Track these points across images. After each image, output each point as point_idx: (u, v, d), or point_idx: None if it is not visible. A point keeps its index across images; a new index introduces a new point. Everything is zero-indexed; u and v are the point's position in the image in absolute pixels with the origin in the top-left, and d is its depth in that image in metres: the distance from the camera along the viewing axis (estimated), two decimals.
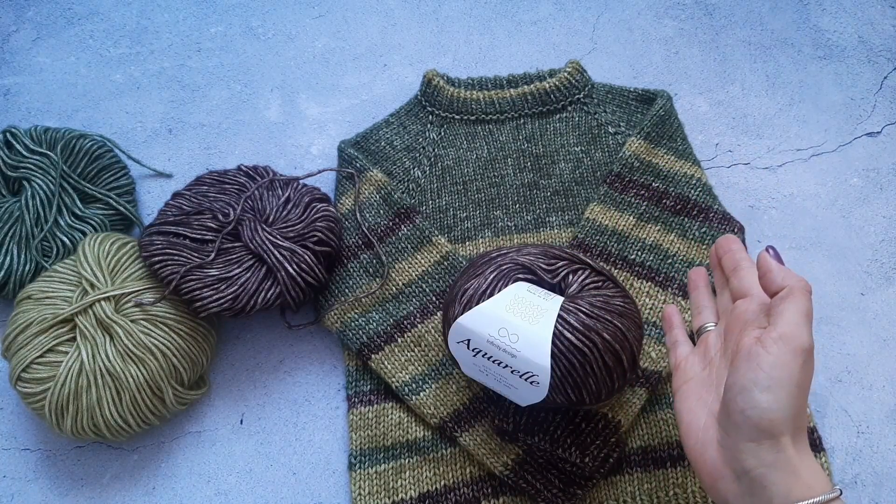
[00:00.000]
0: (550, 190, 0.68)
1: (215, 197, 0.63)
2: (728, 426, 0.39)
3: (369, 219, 0.66)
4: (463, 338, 0.48)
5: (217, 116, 0.78)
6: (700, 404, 0.43)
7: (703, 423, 0.41)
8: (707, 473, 0.40)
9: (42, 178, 0.64)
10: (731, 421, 0.38)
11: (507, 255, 0.51)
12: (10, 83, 0.81)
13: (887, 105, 0.76)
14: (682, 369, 0.46)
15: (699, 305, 0.50)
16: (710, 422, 0.41)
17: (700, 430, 0.41)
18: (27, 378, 0.54)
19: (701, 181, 0.67)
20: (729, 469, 0.38)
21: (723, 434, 0.39)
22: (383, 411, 0.59)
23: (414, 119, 0.73)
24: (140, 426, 0.56)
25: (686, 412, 0.43)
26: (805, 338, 0.38)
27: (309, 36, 0.84)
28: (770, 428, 0.37)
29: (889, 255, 0.67)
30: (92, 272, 0.57)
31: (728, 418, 0.38)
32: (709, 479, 0.40)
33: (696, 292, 0.51)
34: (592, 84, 0.74)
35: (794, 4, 0.84)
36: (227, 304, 0.56)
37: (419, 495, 0.55)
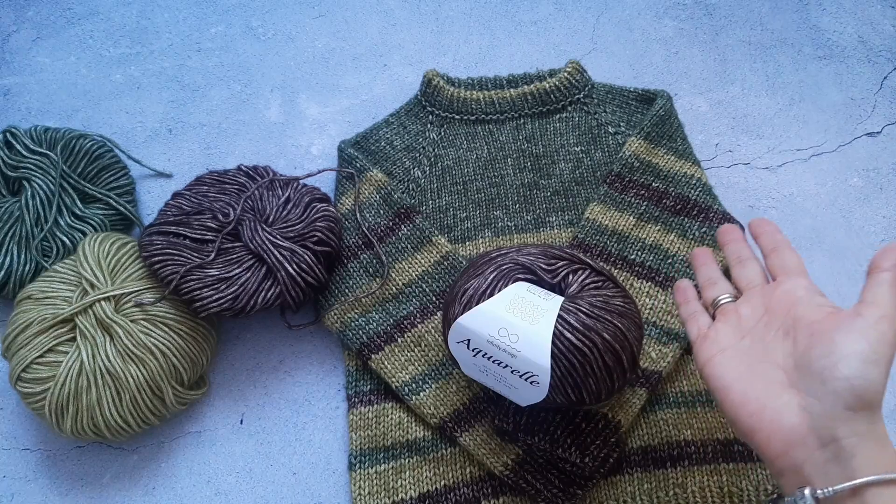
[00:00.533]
0: (550, 190, 0.68)
1: (215, 197, 0.63)
2: (822, 393, 0.38)
3: (369, 219, 0.66)
4: (463, 338, 0.48)
5: (217, 116, 0.78)
6: (752, 371, 0.42)
7: (762, 389, 0.40)
8: (779, 439, 0.39)
9: (42, 178, 0.64)
10: (829, 388, 0.37)
11: (507, 255, 0.51)
12: (10, 83, 0.81)
13: (887, 105, 0.76)
14: (713, 339, 0.45)
15: (712, 278, 0.50)
16: (777, 389, 0.40)
17: (762, 396, 0.40)
18: (27, 378, 0.54)
19: (701, 181, 0.67)
20: (813, 435, 0.37)
21: (811, 400, 0.38)
22: (383, 411, 0.59)
23: (414, 119, 0.73)
24: (140, 426, 0.56)
25: (735, 380, 0.42)
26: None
27: (309, 36, 0.84)
28: (870, 399, 0.37)
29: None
30: (92, 272, 0.57)
31: (823, 385, 0.38)
32: (780, 446, 0.38)
33: (705, 267, 0.51)
34: (592, 84, 0.74)
35: (794, 4, 0.84)
36: (227, 304, 0.56)
37: (419, 495, 0.55)
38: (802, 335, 0.41)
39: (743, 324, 0.45)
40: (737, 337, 0.45)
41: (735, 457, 0.54)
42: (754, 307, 0.46)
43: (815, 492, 0.36)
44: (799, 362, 0.40)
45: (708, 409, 0.57)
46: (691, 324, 0.48)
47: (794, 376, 0.40)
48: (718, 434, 0.55)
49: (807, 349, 0.40)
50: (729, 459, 0.54)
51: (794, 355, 0.41)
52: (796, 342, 0.41)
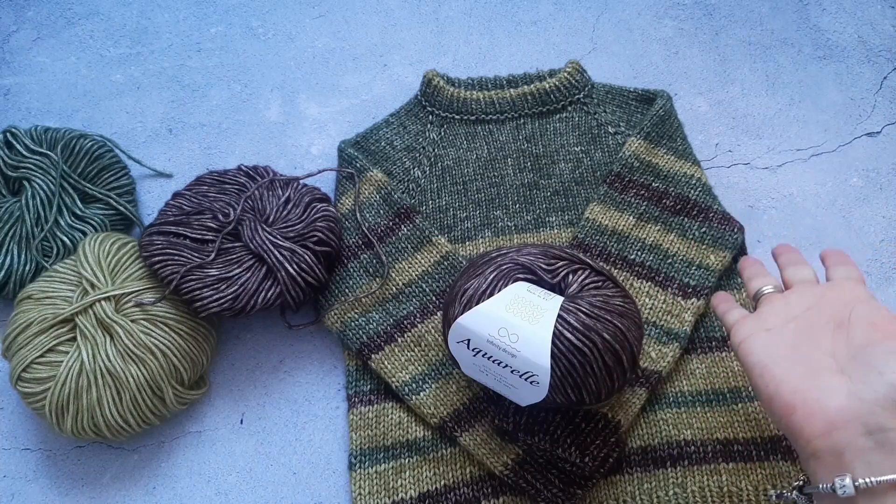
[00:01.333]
0: (550, 190, 0.68)
1: (215, 197, 0.63)
2: (877, 382, 0.37)
3: (369, 219, 0.66)
4: (463, 338, 0.48)
5: (217, 116, 0.78)
6: (797, 353, 0.41)
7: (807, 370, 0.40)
8: (821, 420, 0.38)
9: (42, 178, 0.64)
10: (885, 379, 0.37)
11: (507, 255, 0.51)
12: (10, 83, 0.81)
13: (887, 105, 0.76)
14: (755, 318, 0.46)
15: (756, 273, 0.51)
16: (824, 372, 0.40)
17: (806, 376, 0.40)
18: (27, 378, 0.54)
19: (701, 181, 0.67)
20: (860, 421, 0.37)
21: (862, 387, 0.38)
22: (383, 411, 0.59)
23: (414, 119, 0.73)
24: (140, 426, 0.56)
25: (777, 358, 0.42)
26: None
27: (309, 36, 0.84)
28: None
29: (889, 255, 0.67)
30: (92, 272, 0.57)
31: (881, 376, 0.37)
32: (821, 426, 0.38)
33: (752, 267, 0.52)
34: (592, 84, 0.74)
35: (794, 4, 0.84)
36: (227, 304, 0.56)
37: (419, 495, 0.55)
38: (861, 330, 0.40)
39: (790, 310, 0.45)
40: (782, 319, 0.44)
41: (735, 457, 0.54)
42: (804, 296, 0.45)
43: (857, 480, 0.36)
44: (854, 353, 0.40)
45: (708, 409, 0.57)
46: (730, 313, 0.49)
47: (845, 364, 0.40)
48: (718, 434, 0.55)
49: (866, 343, 0.39)
50: (729, 459, 0.54)
51: (849, 346, 0.40)
52: (851, 335, 0.41)
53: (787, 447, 0.54)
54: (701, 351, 0.60)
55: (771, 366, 0.42)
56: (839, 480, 0.36)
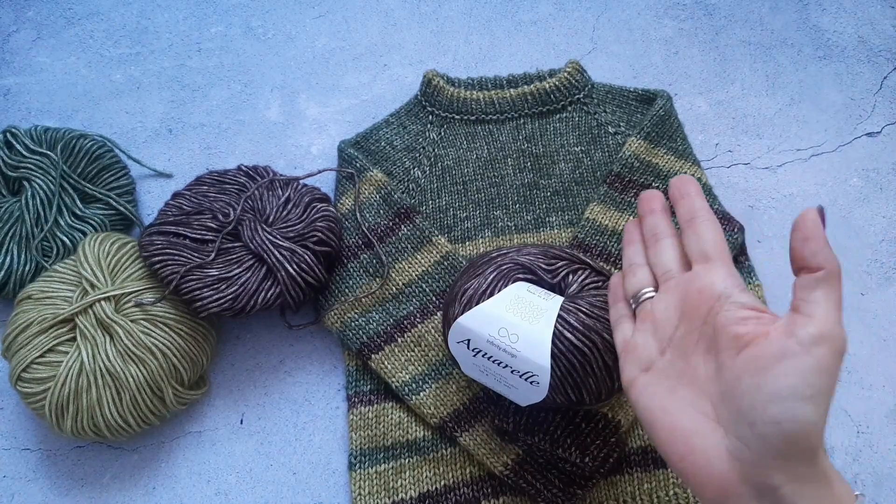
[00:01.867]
0: (550, 190, 0.68)
1: (215, 197, 0.63)
2: (750, 438, 0.32)
3: (369, 219, 0.66)
4: (463, 338, 0.48)
5: (217, 116, 0.78)
6: (675, 399, 0.36)
7: (689, 424, 0.35)
8: (712, 489, 0.33)
9: (42, 178, 0.64)
10: (757, 431, 0.31)
11: (507, 255, 0.51)
12: (10, 83, 0.81)
13: (887, 105, 0.76)
14: (634, 355, 0.39)
15: (633, 264, 0.42)
16: (703, 425, 0.34)
17: (689, 434, 0.34)
18: (27, 378, 0.54)
19: (701, 181, 0.67)
20: (747, 486, 0.32)
21: (738, 445, 0.32)
22: (383, 411, 0.59)
23: (414, 119, 0.73)
24: (140, 426, 0.56)
25: (659, 411, 0.36)
26: (843, 337, 0.31)
27: (309, 36, 0.84)
28: (808, 441, 0.31)
29: (889, 255, 0.67)
30: (92, 272, 0.57)
31: (751, 428, 0.32)
32: (714, 495, 0.33)
33: (630, 247, 0.43)
34: (592, 84, 0.74)
35: (794, 4, 0.84)
36: (227, 304, 0.56)
37: (419, 495, 0.55)
38: (727, 353, 0.34)
39: (660, 331, 0.38)
40: (656, 350, 0.38)
41: None
42: (668, 306, 0.38)
43: None
44: (725, 392, 0.34)
45: None
46: (617, 333, 0.42)
47: (721, 410, 0.34)
48: None
49: (734, 378, 0.33)
50: None
51: (720, 382, 0.34)
52: (721, 364, 0.34)
53: None
54: None
55: (655, 422, 0.36)
56: None
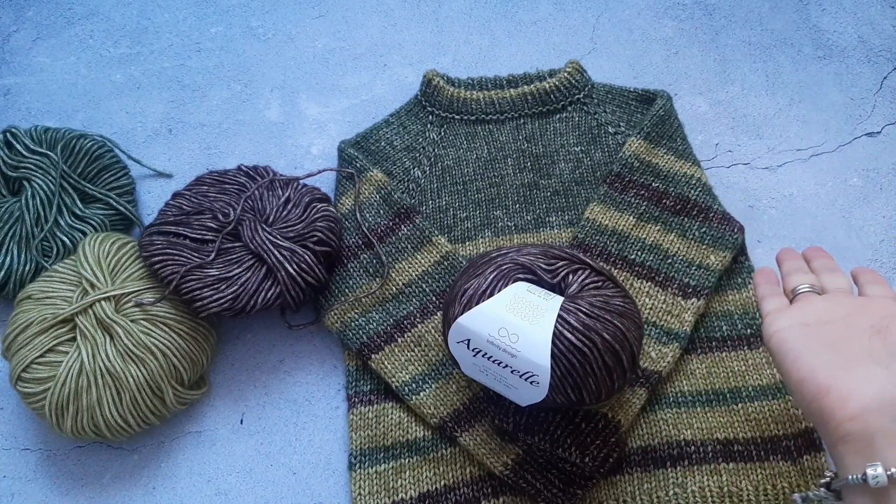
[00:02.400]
0: (550, 190, 0.68)
1: (215, 197, 0.63)
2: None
3: (369, 219, 0.66)
4: (463, 338, 0.48)
5: (217, 116, 0.78)
6: (833, 346, 0.41)
7: (846, 359, 0.40)
8: (856, 402, 0.37)
9: (42, 178, 0.64)
10: None
11: (507, 255, 0.51)
12: (10, 83, 0.81)
13: (887, 105, 0.76)
14: (793, 312, 0.46)
15: (795, 268, 0.51)
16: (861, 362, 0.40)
17: (843, 363, 0.40)
18: (27, 378, 0.54)
19: (701, 181, 0.67)
20: (895, 407, 0.36)
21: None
22: (383, 411, 0.59)
23: (414, 119, 0.73)
24: (140, 426, 0.56)
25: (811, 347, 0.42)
26: None
27: (309, 36, 0.84)
28: None
29: (889, 255, 0.67)
30: (92, 272, 0.57)
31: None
32: (856, 408, 0.37)
33: (791, 261, 0.52)
34: (592, 84, 0.74)
35: (794, 4, 0.84)
36: (227, 304, 0.56)
37: (419, 495, 0.55)
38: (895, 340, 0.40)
39: (828, 313, 0.45)
40: (820, 320, 0.44)
41: (735, 457, 0.54)
42: (842, 304, 0.45)
43: (889, 470, 0.35)
44: (893, 351, 0.40)
45: (708, 409, 0.57)
46: (769, 299, 0.49)
47: (883, 359, 0.39)
48: (718, 434, 0.55)
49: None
50: (729, 459, 0.54)
51: (887, 347, 0.40)
52: (889, 340, 0.40)
53: (787, 447, 0.54)
54: (701, 351, 0.60)
55: (806, 353, 0.42)
56: (871, 470, 0.35)
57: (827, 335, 0.43)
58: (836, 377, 0.39)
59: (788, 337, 0.43)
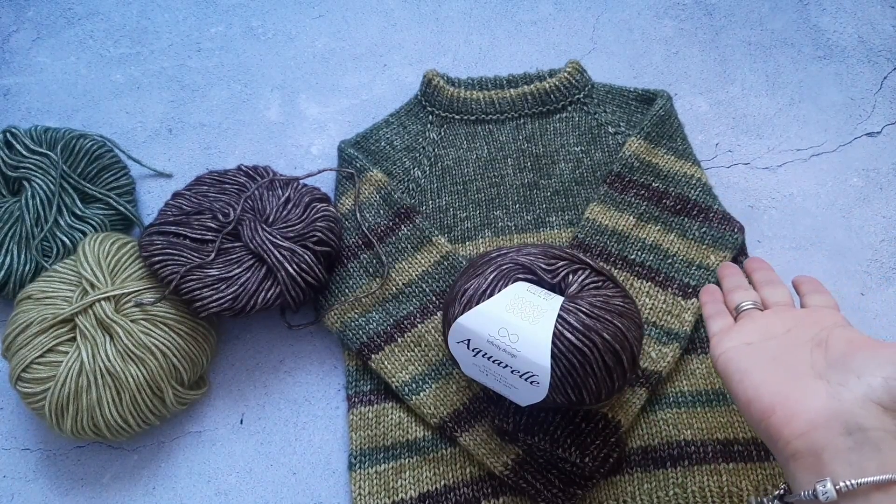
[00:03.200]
0: (550, 190, 0.68)
1: (215, 197, 0.63)
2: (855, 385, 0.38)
3: (369, 219, 0.66)
4: (463, 338, 0.48)
5: (217, 116, 0.78)
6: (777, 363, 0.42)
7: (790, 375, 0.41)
8: (802, 420, 0.38)
9: (42, 178, 0.64)
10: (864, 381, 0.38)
11: (507, 255, 0.51)
12: (10, 83, 0.81)
13: (887, 105, 0.76)
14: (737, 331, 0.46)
15: (738, 286, 0.51)
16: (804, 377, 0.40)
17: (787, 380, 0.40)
18: (27, 378, 0.54)
19: (701, 181, 0.67)
20: (839, 421, 0.37)
21: (840, 388, 0.38)
22: (383, 411, 0.59)
23: (414, 119, 0.73)
24: (140, 426, 0.56)
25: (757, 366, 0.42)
26: None
27: (309, 36, 0.84)
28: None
29: (889, 255, 0.67)
30: (92, 272, 0.57)
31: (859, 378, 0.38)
32: (802, 425, 0.38)
33: (733, 277, 0.53)
34: (592, 84, 0.74)
35: (794, 4, 0.84)
36: (227, 304, 0.56)
37: (419, 495, 0.55)
38: (839, 346, 0.41)
39: (769, 329, 0.46)
40: (763, 336, 0.45)
41: (735, 457, 0.54)
42: (783, 319, 0.46)
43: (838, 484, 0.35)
44: (833, 363, 0.40)
45: (708, 408, 0.57)
46: (715, 319, 0.49)
47: (824, 372, 0.40)
48: (718, 434, 0.55)
49: (845, 354, 0.40)
50: (729, 459, 0.54)
51: (828, 359, 0.41)
52: (830, 351, 0.41)
53: None
54: (701, 351, 0.60)
55: (750, 373, 0.42)
56: (820, 486, 0.36)
57: (770, 352, 0.43)
58: (781, 395, 0.40)
59: (733, 358, 0.44)
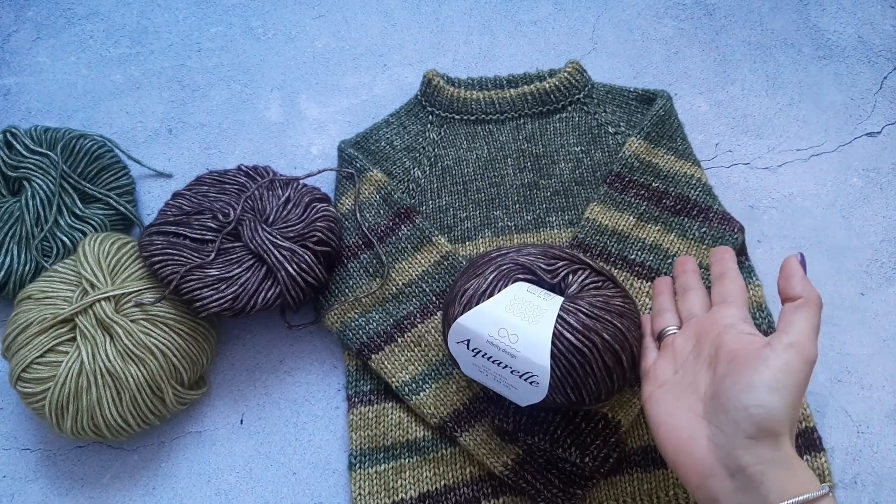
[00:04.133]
0: (550, 190, 0.68)
1: (215, 197, 0.63)
2: (724, 423, 0.39)
3: (369, 219, 0.66)
4: (463, 338, 0.48)
5: (217, 116, 0.78)
6: (678, 405, 0.43)
7: (684, 423, 0.41)
8: (695, 472, 0.40)
9: (42, 178, 0.64)
10: (730, 417, 0.38)
11: (507, 255, 0.51)
12: (10, 83, 0.81)
13: (887, 105, 0.76)
14: (653, 375, 0.46)
15: (662, 309, 0.51)
16: (693, 421, 0.41)
17: (682, 429, 0.41)
18: (27, 378, 0.54)
19: (701, 181, 0.67)
20: (721, 466, 0.38)
21: (716, 430, 0.39)
22: (383, 411, 0.59)
23: (414, 119, 0.73)
24: (140, 426, 0.56)
25: (665, 415, 0.43)
26: (813, 351, 0.39)
27: (309, 36, 0.84)
28: (772, 427, 0.37)
29: (889, 255, 0.67)
30: (92, 272, 0.57)
31: (726, 415, 0.39)
32: (696, 478, 0.39)
33: (660, 298, 0.52)
34: (592, 84, 0.74)
35: (794, 4, 0.84)
36: (227, 304, 0.56)
37: (419, 495, 0.55)
38: (721, 364, 0.41)
39: (678, 356, 0.46)
40: (672, 370, 0.46)
41: None
42: (687, 338, 0.46)
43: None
44: (713, 392, 0.41)
45: None
46: (643, 360, 0.49)
47: (708, 407, 0.41)
48: None
49: (721, 378, 0.40)
50: None
51: (712, 385, 0.41)
52: (716, 372, 0.41)
53: None
54: None
55: (660, 425, 0.43)
56: None
57: (676, 390, 0.44)
58: (680, 449, 0.41)
59: (649, 410, 0.45)
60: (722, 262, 0.49)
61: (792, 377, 0.38)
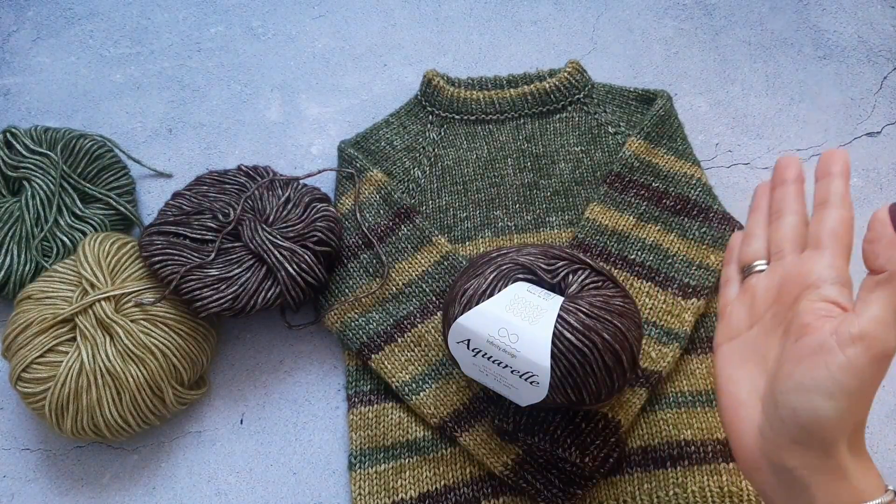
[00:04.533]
0: (550, 190, 0.68)
1: (215, 197, 0.63)
2: (773, 417, 0.33)
3: (369, 219, 0.66)
4: (463, 338, 0.48)
5: (217, 116, 0.78)
6: (742, 374, 0.37)
7: (742, 399, 0.36)
8: (741, 459, 0.35)
9: (42, 178, 0.64)
10: (779, 414, 0.33)
11: (507, 255, 0.51)
12: (10, 83, 0.81)
13: (887, 105, 0.76)
14: (727, 321, 0.40)
15: (753, 233, 0.42)
16: (751, 401, 0.35)
17: (739, 406, 0.36)
18: (27, 378, 0.54)
19: (701, 181, 0.67)
20: (766, 461, 0.34)
21: (765, 423, 0.34)
22: (383, 411, 0.59)
23: (414, 119, 0.73)
24: (140, 426, 0.56)
25: (725, 380, 0.37)
26: (891, 341, 0.31)
27: (309, 36, 0.84)
28: (823, 435, 0.31)
29: None
30: (92, 272, 0.57)
31: (776, 409, 0.33)
32: (743, 465, 0.35)
33: (755, 214, 0.43)
34: (592, 84, 0.74)
35: (794, 4, 0.84)
36: (227, 304, 0.56)
37: (419, 495, 0.55)
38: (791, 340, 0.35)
39: (757, 305, 0.39)
40: (747, 322, 0.39)
41: None
42: (771, 284, 0.38)
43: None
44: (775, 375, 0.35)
45: (708, 408, 0.57)
46: (722, 293, 0.43)
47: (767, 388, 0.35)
48: (718, 434, 0.55)
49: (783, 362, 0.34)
50: (729, 459, 0.54)
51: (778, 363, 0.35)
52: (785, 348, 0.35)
53: None
54: (701, 351, 0.60)
55: (721, 388, 0.38)
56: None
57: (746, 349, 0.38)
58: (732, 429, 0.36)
59: (716, 362, 0.39)
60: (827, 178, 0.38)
61: (854, 379, 0.30)
